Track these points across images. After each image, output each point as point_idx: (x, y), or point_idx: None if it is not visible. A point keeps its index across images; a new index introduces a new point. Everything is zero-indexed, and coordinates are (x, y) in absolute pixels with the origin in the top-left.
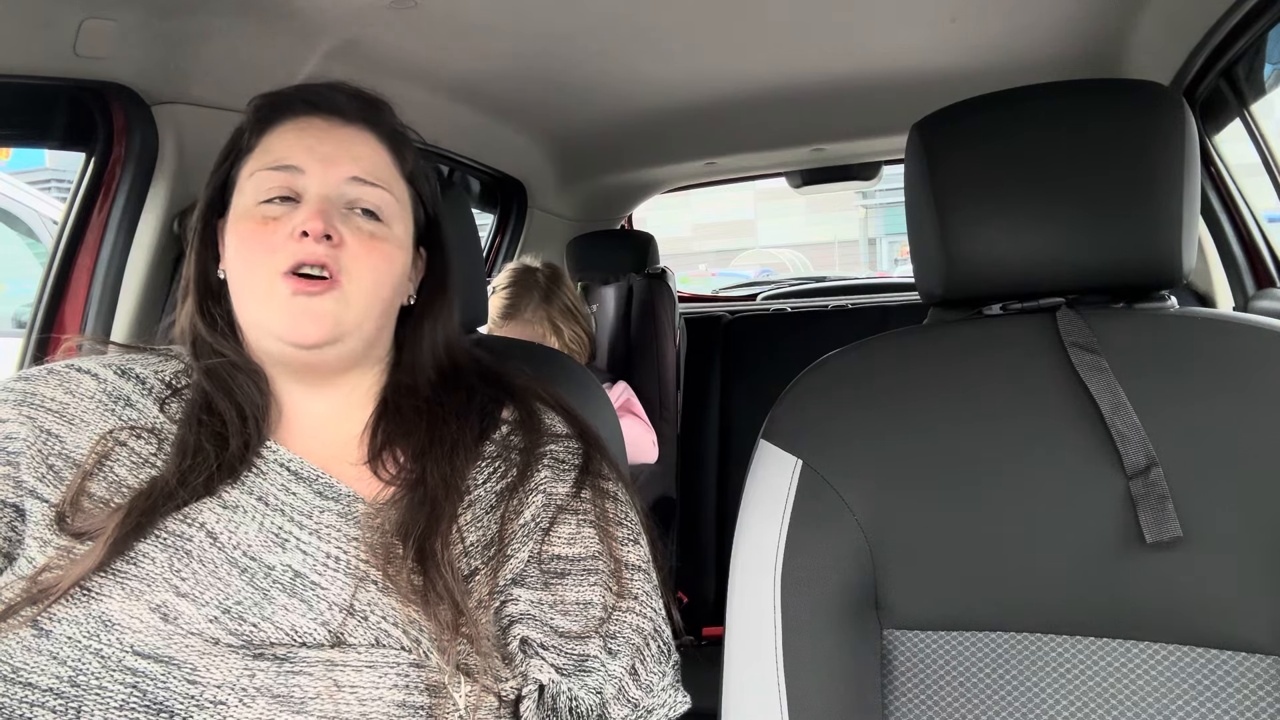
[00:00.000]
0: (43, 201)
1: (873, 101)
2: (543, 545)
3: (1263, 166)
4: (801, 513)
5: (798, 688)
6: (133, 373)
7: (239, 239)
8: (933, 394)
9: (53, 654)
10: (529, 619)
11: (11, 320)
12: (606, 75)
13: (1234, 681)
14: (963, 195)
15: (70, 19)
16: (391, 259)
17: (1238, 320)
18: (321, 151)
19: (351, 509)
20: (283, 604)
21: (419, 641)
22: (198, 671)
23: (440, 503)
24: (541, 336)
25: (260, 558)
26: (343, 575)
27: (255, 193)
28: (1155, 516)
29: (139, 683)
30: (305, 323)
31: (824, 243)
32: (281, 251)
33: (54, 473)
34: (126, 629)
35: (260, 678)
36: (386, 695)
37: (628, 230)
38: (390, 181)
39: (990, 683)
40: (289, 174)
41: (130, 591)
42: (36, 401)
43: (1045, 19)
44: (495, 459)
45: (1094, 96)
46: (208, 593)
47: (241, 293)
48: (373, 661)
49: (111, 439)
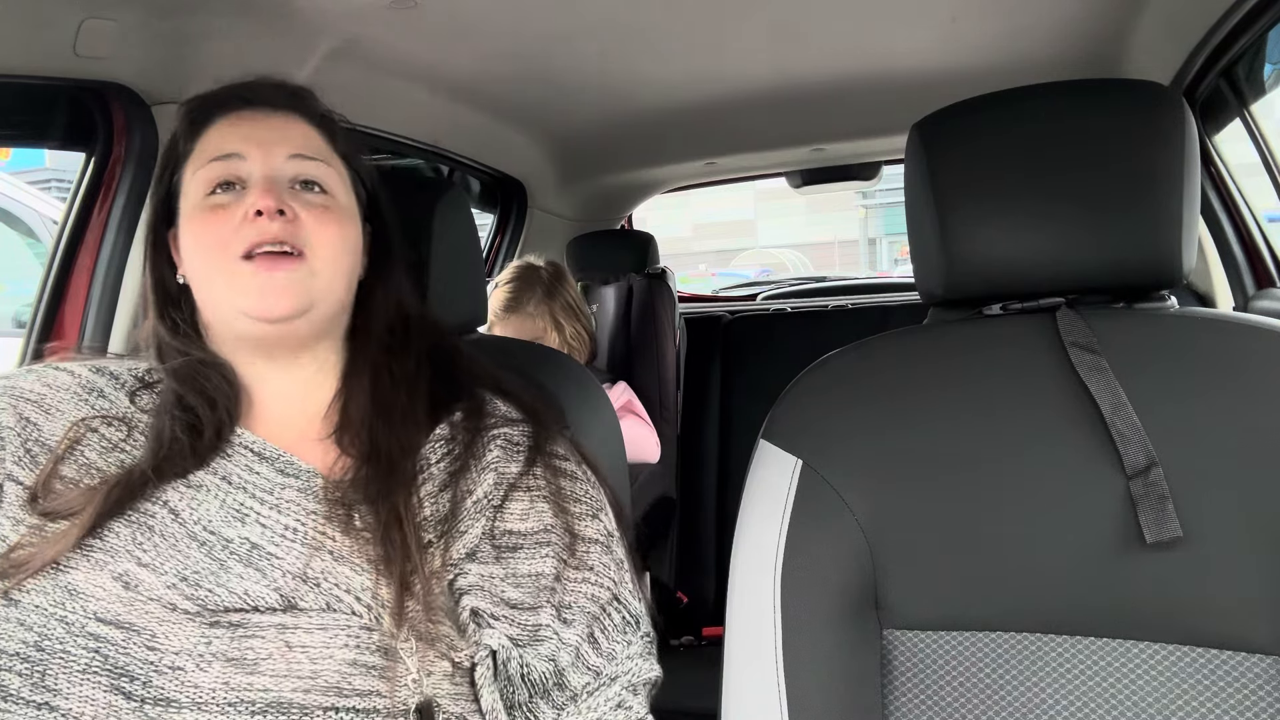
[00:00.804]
0: (43, 201)
1: (873, 101)
2: (495, 522)
3: (1263, 166)
4: (801, 512)
5: (798, 688)
6: (107, 370)
7: (194, 235)
8: (933, 394)
9: (20, 621)
10: (479, 590)
11: (11, 320)
12: (606, 75)
13: (1234, 681)
14: (963, 195)
15: (70, 19)
16: (344, 227)
17: (1238, 320)
18: (258, 137)
19: (311, 484)
20: (238, 573)
21: (370, 607)
22: (156, 639)
23: (397, 464)
24: (543, 331)
25: (219, 532)
26: (299, 545)
27: (201, 187)
28: (1155, 516)
29: (100, 647)
30: (273, 297)
31: (824, 243)
32: (237, 236)
33: (30, 457)
34: (90, 597)
35: (216, 644)
36: (338, 654)
37: (628, 230)
38: (328, 157)
39: (990, 683)
40: (230, 162)
41: (95, 563)
42: (17, 393)
43: (1045, 19)
44: (448, 441)
45: (1094, 96)
46: (167, 563)
47: (205, 285)
48: (324, 624)
49: (84, 425)
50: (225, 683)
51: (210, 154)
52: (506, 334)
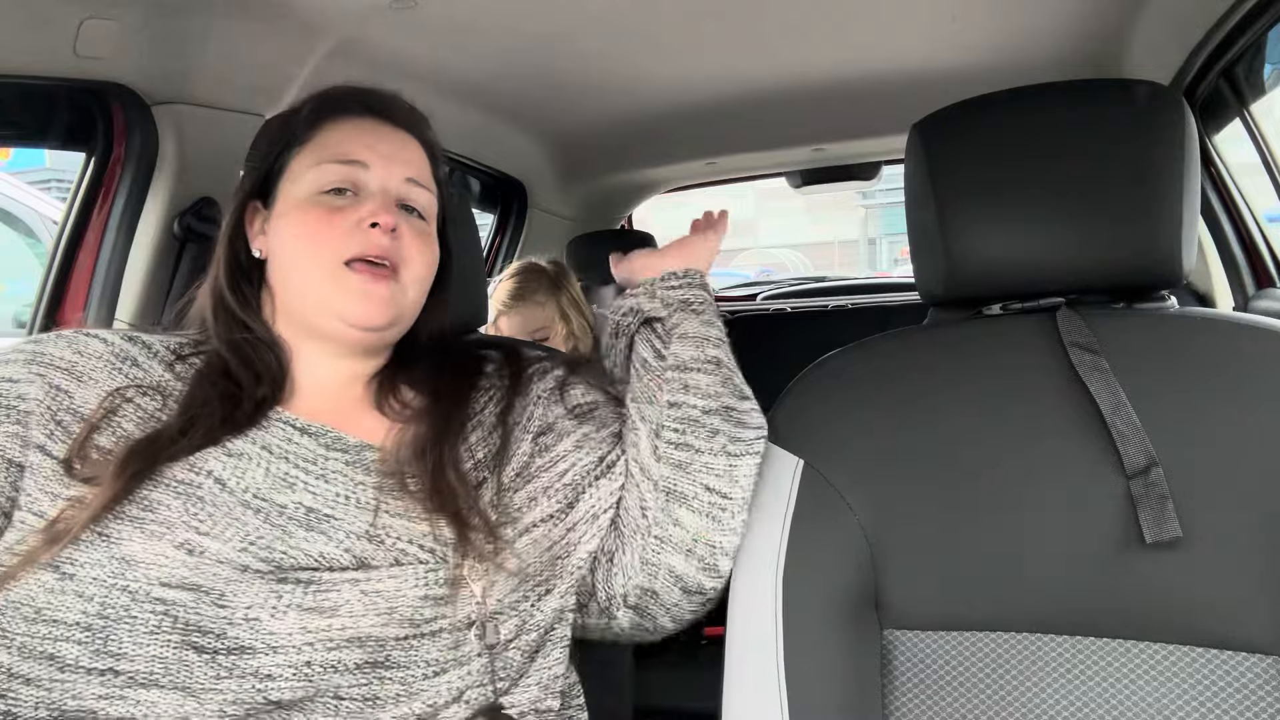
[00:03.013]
0: (43, 201)
1: (873, 101)
2: (562, 405)
3: (1263, 166)
4: (804, 513)
5: (798, 688)
6: (139, 339)
7: (300, 225)
8: (933, 394)
9: (78, 593)
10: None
11: (11, 320)
12: (606, 75)
13: (1234, 681)
14: (963, 195)
15: (70, 19)
16: (434, 253)
17: (1238, 320)
18: (382, 151)
19: (361, 457)
20: (303, 537)
21: (434, 550)
22: (225, 597)
23: (452, 416)
24: (550, 321)
25: (270, 498)
26: (354, 508)
27: (317, 182)
28: (1155, 516)
29: (169, 609)
30: (371, 308)
31: (824, 243)
32: (348, 240)
33: (62, 428)
34: (151, 565)
35: (288, 598)
36: (409, 593)
37: (628, 230)
38: (431, 185)
39: (990, 683)
40: (353, 168)
41: (150, 534)
42: (46, 360)
43: (1045, 19)
44: (490, 389)
45: (1094, 96)
46: (228, 530)
47: (297, 276)
48: (394, 574)
49: (119, 395)
50: (303, 627)
51: (334, 153)
52: (513, 326)
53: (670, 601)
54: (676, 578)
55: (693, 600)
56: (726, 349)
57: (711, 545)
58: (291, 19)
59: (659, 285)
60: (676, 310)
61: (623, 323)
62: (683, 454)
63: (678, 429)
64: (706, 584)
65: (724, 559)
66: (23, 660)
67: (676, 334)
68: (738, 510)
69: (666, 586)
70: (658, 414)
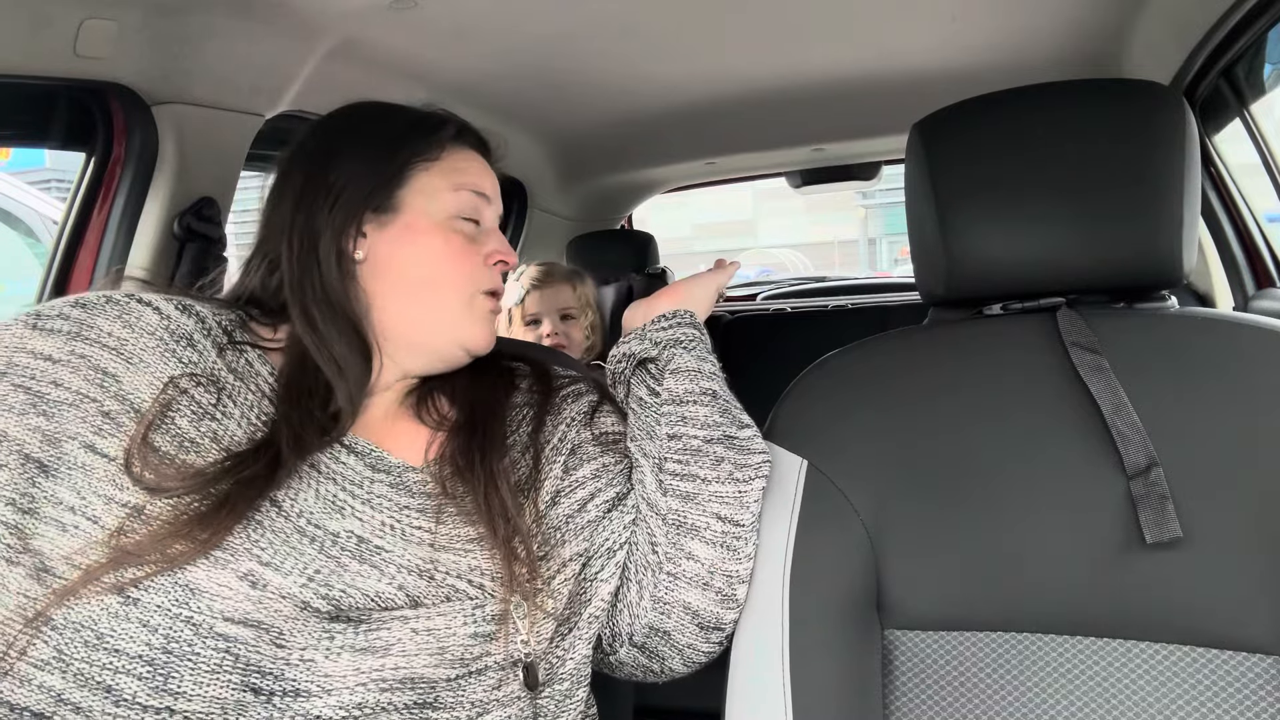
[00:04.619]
0: (43, 201)
1: (873, 101)
2: (590, 430)
3: (1263, 166)
4: (809, 513)
5: (803, 687)
6: (194, 310)
7: (447, 245)
8: (934, 394)
9: (143, 621)
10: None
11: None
12: (606, 75)
13: (1234, 681)
14: (963, 195)
15: (70, 19)
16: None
17: (1238, 320)
18: (490, 187)
19: (403, 479)
20: (356, 570)
21: (482, 587)
22: (283, 635)
23: (493, 429)
24: (573, 301)
25: (323, 525)
26: (399, 539)
27: (457, 207)
28: (1155, 516)
29: (230, 646)
30: (490, 336)
31: (824, 243)
32: (486, 273)
33: (111, 420)
34: (215, 596)
35: (340, 638)
36: (459, 631)
37: (628, 230)
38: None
39: (990, 683)
40: (481, 200)
41: (214, 561)
42: (92, 336)
43: (1045, 19)
44: (522, 407)
45: (1094, 96)
46: (287, 561)
47: (428, 294)
48: (444, 612)
49: (174, 387)
50: (355, 668)
51: (470, 182)
52: (542, 302)
53: (684, 641)
54: (693, 614)
55: (709, 638)
56: (722, 382)
57: (729, 575)
58: (291, 19)
59: (650, 328)
60: (667, 348)
61: (618, 369)
62: (689, 485)
63: (681, 460)
64: (725, 617)
65: (741, 587)
66: (77, 688)
67: (669, 370)
68: (750, 536)
69: (681, 624)
70: (658, 448)
